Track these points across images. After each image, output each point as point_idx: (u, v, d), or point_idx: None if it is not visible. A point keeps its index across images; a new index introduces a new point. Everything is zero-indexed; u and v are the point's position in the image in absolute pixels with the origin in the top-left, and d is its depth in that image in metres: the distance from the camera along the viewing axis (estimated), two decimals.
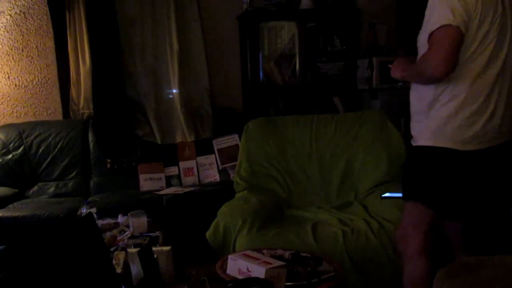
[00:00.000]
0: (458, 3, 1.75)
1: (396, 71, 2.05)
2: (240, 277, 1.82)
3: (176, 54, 3.79)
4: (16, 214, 3.08)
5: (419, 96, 1.95)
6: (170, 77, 3.86)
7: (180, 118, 3.84)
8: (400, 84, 2.49)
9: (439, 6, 1.79)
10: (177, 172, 3.77)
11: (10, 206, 3.24)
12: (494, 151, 1.88)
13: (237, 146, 3.72)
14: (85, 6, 3.65)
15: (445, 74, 1.78)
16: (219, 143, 3.87)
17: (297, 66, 4.03)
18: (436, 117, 1.88)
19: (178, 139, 3.85)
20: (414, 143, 2.00)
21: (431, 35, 1.78)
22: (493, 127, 1.85)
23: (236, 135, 3.80)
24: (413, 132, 2.02)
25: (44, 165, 3.64)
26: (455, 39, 1.76)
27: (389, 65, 2.13)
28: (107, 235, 2.33)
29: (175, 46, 3.79)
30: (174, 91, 3.87)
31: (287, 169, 3.18)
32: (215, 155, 3.84)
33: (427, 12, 1.87)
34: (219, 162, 3.82)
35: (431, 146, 1.89)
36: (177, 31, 3.78)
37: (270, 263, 1.80)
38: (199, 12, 3.88)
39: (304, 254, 2.07)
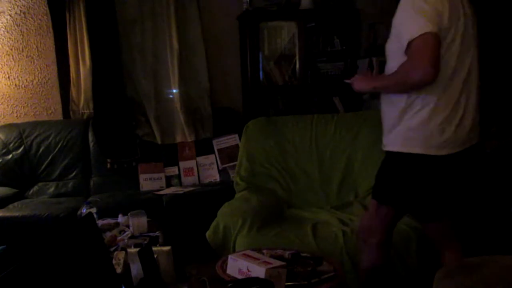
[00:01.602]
0: (431, 11, 1.77)
1: (363, 84, 2.08)
2: (240, 277, 1.82)
3: (176, 54, 3.80)
4: (16, 214, 3.08)
5: (391, 105, 1.97)
6: (170, 77, 3.86)
7: (180, 118, 3.84)
8: (365, 95, 2.50)
9: (412, 16, 1.81)
10: (177, 172, 3.77)
11: (10, 206, 3.24)
12: (462, 155, 1.92)
13: (237, 146, 3.72)
14: (85, 6, 3.65)
15: (435, 78, 1.80)
16: (219, 143, 3.87)
17: (297, 66, 4.02)
18: (408, 124, 1.91)
19: (178, 139, 3.85)
20: (384, 148, 2.03)
21: (410, 44, 1.79)
22: (463, 132, 1.89)
23: (236, 135, 3.80)
24: (384, 140, 2.04)
25: (44, 165, 3.64)
26: (436, 45, 1.78)
27: (346, 80, 2.15)
28: (107, 235, 2.33)
29: (175, 46, 3.79)
30: (174, 91, 3.87)
31: (287, 169, 3.18)
32: (215, 155, 3.84)
33: (396, 21, 1.89)
34: (219, 162, 3.82)
35: (404, 152, 1.93)
36: (177, 31, 3.78)
37: (270, 263, 1.80)
38: (199, 12, 3.88)
39: (304, 254, 2.08)
